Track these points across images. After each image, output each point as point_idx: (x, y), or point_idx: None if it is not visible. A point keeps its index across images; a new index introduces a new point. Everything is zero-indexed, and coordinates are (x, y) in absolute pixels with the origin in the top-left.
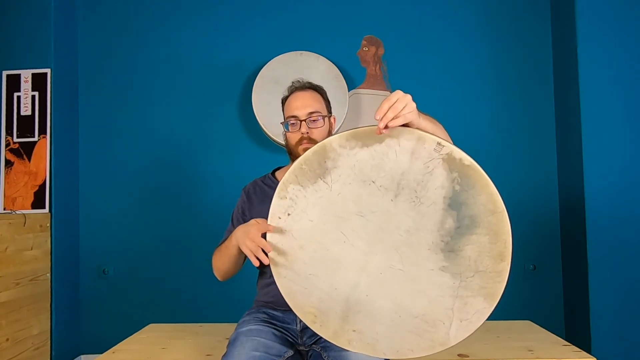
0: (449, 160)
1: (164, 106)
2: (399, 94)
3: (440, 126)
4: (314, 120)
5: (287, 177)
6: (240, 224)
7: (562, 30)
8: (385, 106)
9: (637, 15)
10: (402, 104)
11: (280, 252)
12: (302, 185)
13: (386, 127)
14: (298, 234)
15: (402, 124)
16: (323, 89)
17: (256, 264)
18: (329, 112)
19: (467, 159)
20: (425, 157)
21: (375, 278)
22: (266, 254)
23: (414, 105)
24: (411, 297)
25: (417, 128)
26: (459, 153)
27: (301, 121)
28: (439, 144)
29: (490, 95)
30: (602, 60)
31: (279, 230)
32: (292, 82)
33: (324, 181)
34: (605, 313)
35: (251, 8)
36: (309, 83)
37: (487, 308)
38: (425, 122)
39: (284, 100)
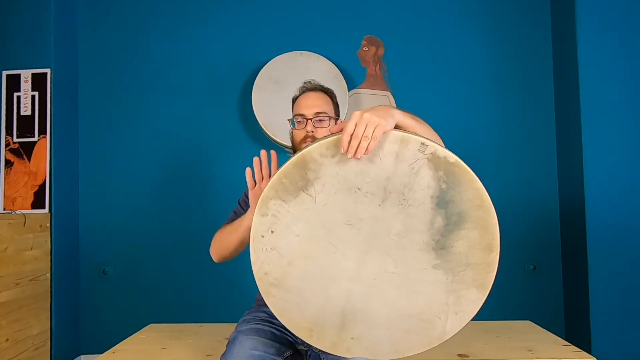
0: (434, 159)
1: (164, 106)
2: (355, 117)
3: (426, 124)
4: (320, 120)
5: (266, 193)
6: (247, 204)
7: (562, 30)
8: (345, 138)
9: (637, 15)
10: (362, 127)
11: (268, 271)
12: (283, 200)
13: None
14: (284, 250)
15: (375, 144)
16: (333, 93)
17: None
18: (337, 115)
19: (452, 157)
20: (410, 159)
21: (369, 284)
22: None
23: (376, 119)
24: (407, 298)
25: (400, 126)
26: (443, 151)
27: (307, 119)
28: (422, 144)
29: (491, 95)
30: (602, 60)
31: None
32: (304, 83)
33: (307, 193)
34: (605, 313)
35: (251, 8)
36: (320, 85)
37: (480, 298)
38: (407, 119)
39: (294, 100)
